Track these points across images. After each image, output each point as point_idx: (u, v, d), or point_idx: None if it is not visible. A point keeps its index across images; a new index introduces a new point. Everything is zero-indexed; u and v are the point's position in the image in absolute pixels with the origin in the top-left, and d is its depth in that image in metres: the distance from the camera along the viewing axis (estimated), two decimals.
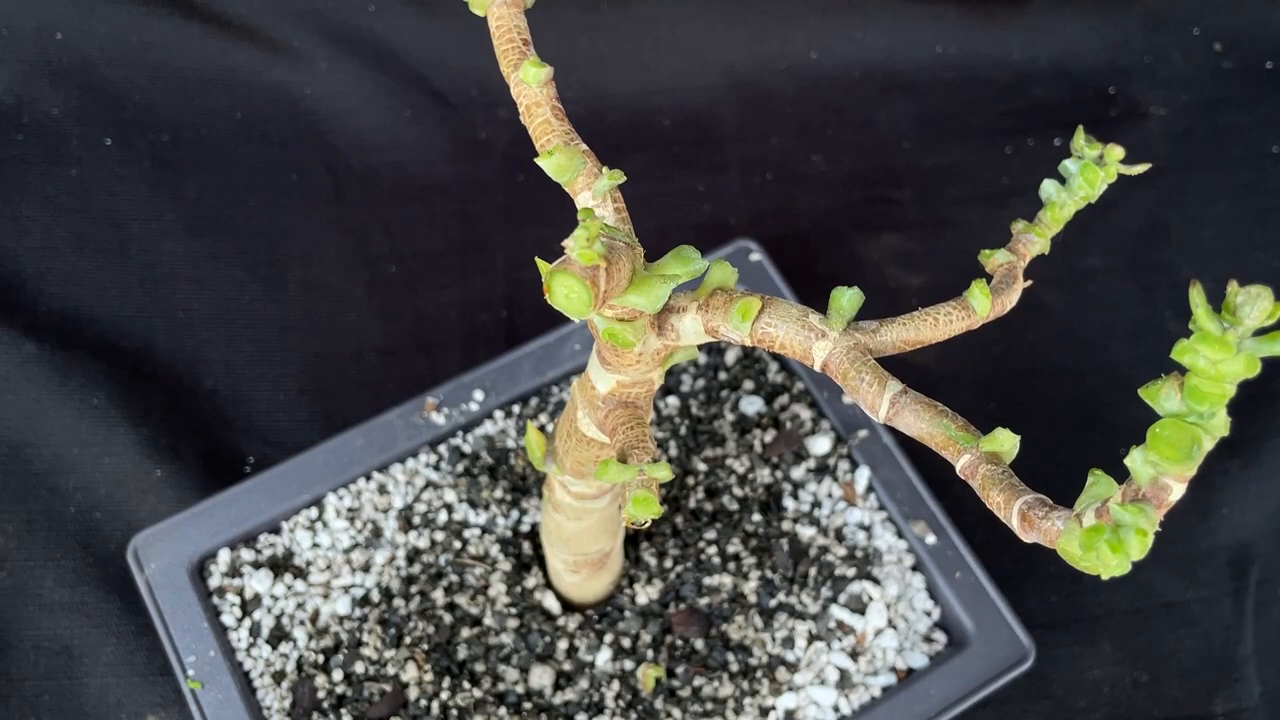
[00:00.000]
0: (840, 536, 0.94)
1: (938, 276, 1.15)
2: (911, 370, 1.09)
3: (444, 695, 0.87)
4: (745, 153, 1.21)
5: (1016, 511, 0.47)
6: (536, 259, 0.48)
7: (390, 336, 1.10)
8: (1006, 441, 0.49)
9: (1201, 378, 0.43)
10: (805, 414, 0.98)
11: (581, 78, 1.23)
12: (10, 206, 1.12)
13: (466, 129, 1.20)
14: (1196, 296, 0.42)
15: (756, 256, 1.02)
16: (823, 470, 0.96)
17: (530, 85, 0.57)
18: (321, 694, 0.87)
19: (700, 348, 0.99)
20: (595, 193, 0.55)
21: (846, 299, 0.53)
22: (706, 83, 1.24)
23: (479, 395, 0.96)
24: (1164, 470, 0.44)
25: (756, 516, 0.94)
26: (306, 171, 1.17)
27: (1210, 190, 1.21)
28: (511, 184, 1.17)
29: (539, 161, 0.55)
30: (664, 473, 0.51)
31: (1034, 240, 0.57)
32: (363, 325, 1.11)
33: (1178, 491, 0.45)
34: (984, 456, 0.49)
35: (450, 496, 0.94)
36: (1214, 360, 0.42)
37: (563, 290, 0.46)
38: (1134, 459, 0.45)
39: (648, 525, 0.52)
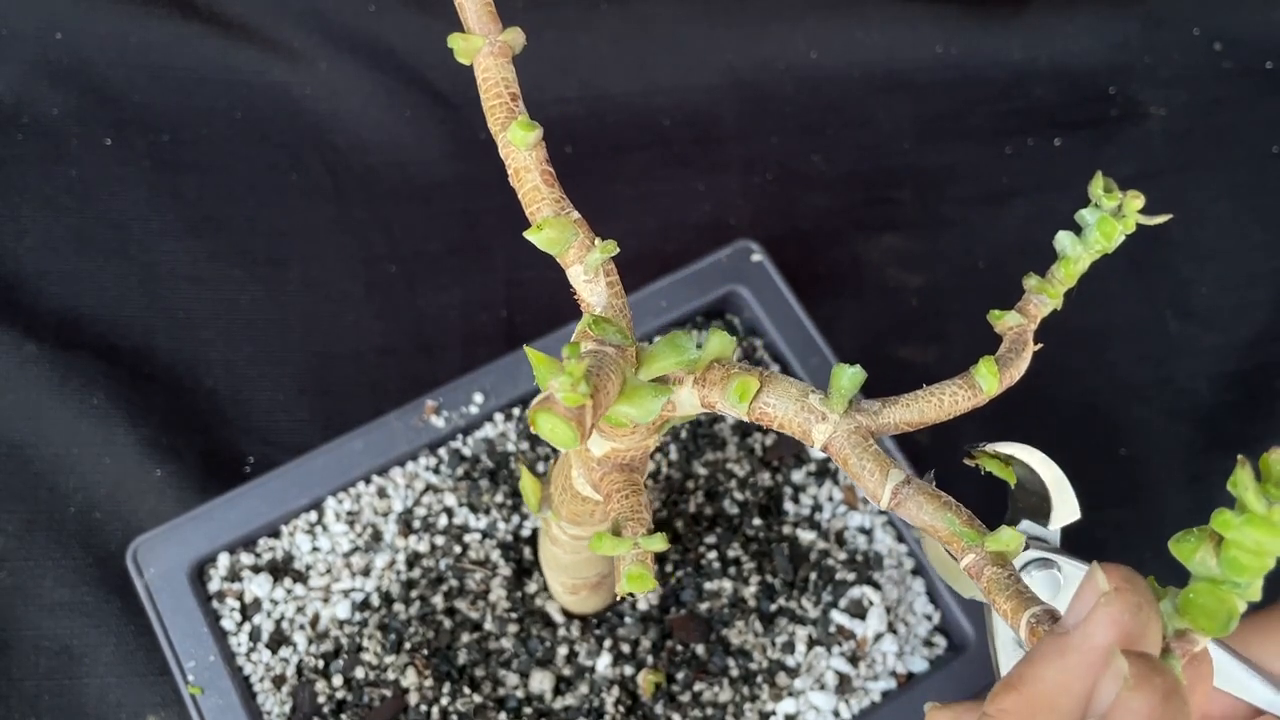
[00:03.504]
0: (840, 540, 0.94)
1: (938, 276, 1.15)
2: (912, 370, 1.09)
3: (444, 700, 0.87)
4: (745, 153, 1.21)
5: (1025, 624, 0.47)
6: (527, 348, 0.47)
7: (390, 336, 1.10)
8: (1012, 541, 0.49)
9: (1243, 551, 0.43)
10: None
11: (581, 78, 1.23)
12: (10, 206, 1.12)
13: (466, 129, 1.20)
14: (1245, 479, 0.42)
15: (757, 257, 1.02)
16: (823, 474, 0.96)
17: (519, 148, 0.54)
18: (321, 699, 0.87)
19: None
20: (588, 267, 0.53)
21: (847, 378, 0.52)
22: (706, 83, 1.23)
23: (479, 397, 0.96)
24: (1195, 629, 0.45)
25: (756, 521, 0.94)
26: (306, 171, 1.17)
27: (1210, 190, 1.21)
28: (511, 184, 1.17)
29: (528, 235, 0.53)
30: (659, 544, 0.50)
31: (1045, 301, 0.57)
32: (363, 325, 1.10)
33: (1203, 644, 0.46)
34: (989, 557, 0.49)
35: (450, 500, 0.94)
36: (1259, 540, 0.42)
37: (547, 426, 0.44)
38: (1164, 607, 0.46)
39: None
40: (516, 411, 0.98)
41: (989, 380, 0.53)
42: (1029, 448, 0.60)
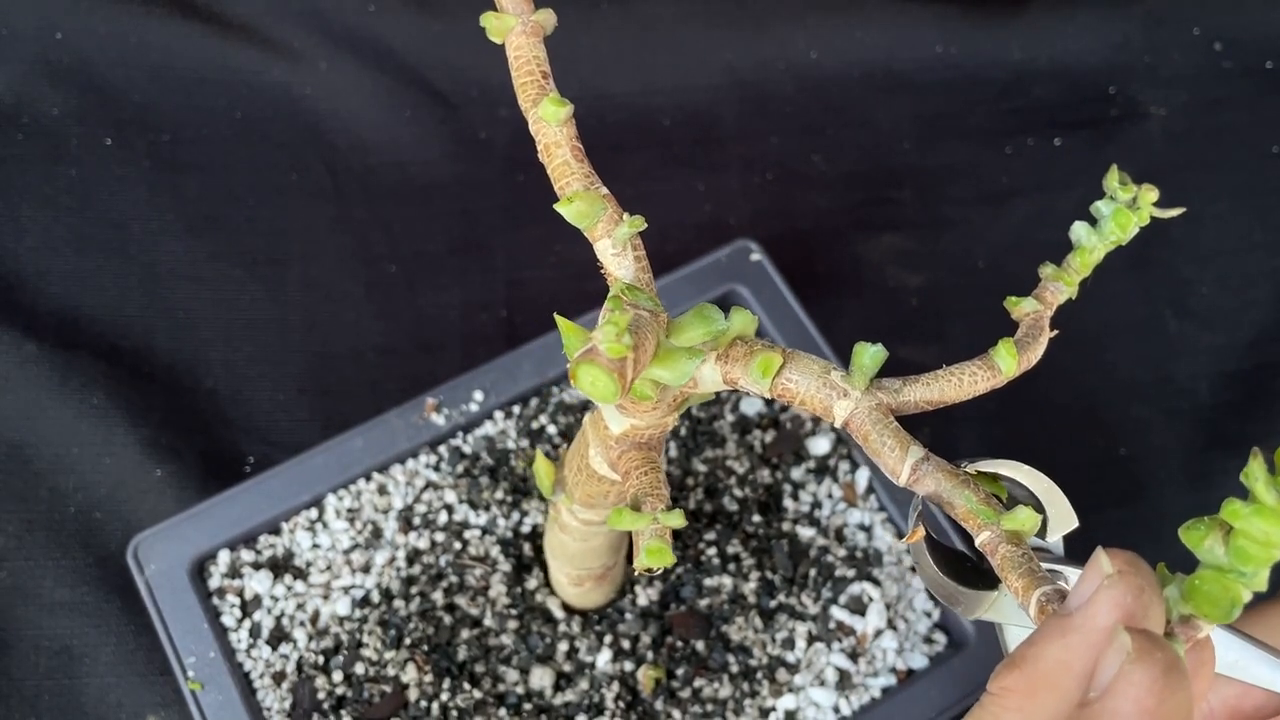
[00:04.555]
0: (840, 537, 0.94)
1: (938, 276, 1.15)
2: (912, 372, 1.09)
3: (444, 696, 0.87)
4: (745, 153, 1.21)
5: (1035, 601, 0.47)
6: (557, 316, 0.48)
7: (390, 336, 1.10)
8: (1028, 521, 0.49)
9: (1250, 541, 0.44)
10: (805, 414, 0.98)
11: (581, 78, 1.23)
12: (10, 206, 1.12)
13: (466, 129, 1.20)
14: (1257, 470, 0.43)
15: (756, 256, 1.02)
16: (823, 471, 0.96)
17: (550, 124, 0.54)
18: (321, 695, 0.87)
19: None
20: (615, 241, 0.54)
21: (869, 356, 0.52)
22: (706, 82, 1.24)
23: (479, 395, 0.96)
24: (1199, 615, 0.45)
25: (756, 517, 0.94)
26: (306, 171, 1.17)
27: (1210, 190, 1.21)
28: (511, 184, 1.17)
29: (558, 208, 0.53)
30: (678, 520, 0.50)
31: (1062, 289, 0.57)
32: (363, 325, 1.10)
33: (1207, 631, 0.46)
34: (1004, 535, 0.49)
35: (450, 497, 0.94)
36: (1268, 531, 0.43)
37: (589, 378, 0.45)
38: (1170, 593, 0.46)
39: (660, 571, 0.52)
40: (517, 409, 0.98)
41: (1007, 361, 0.54)
42: (1016, 463, 0.60)
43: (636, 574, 0.53)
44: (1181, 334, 1.14)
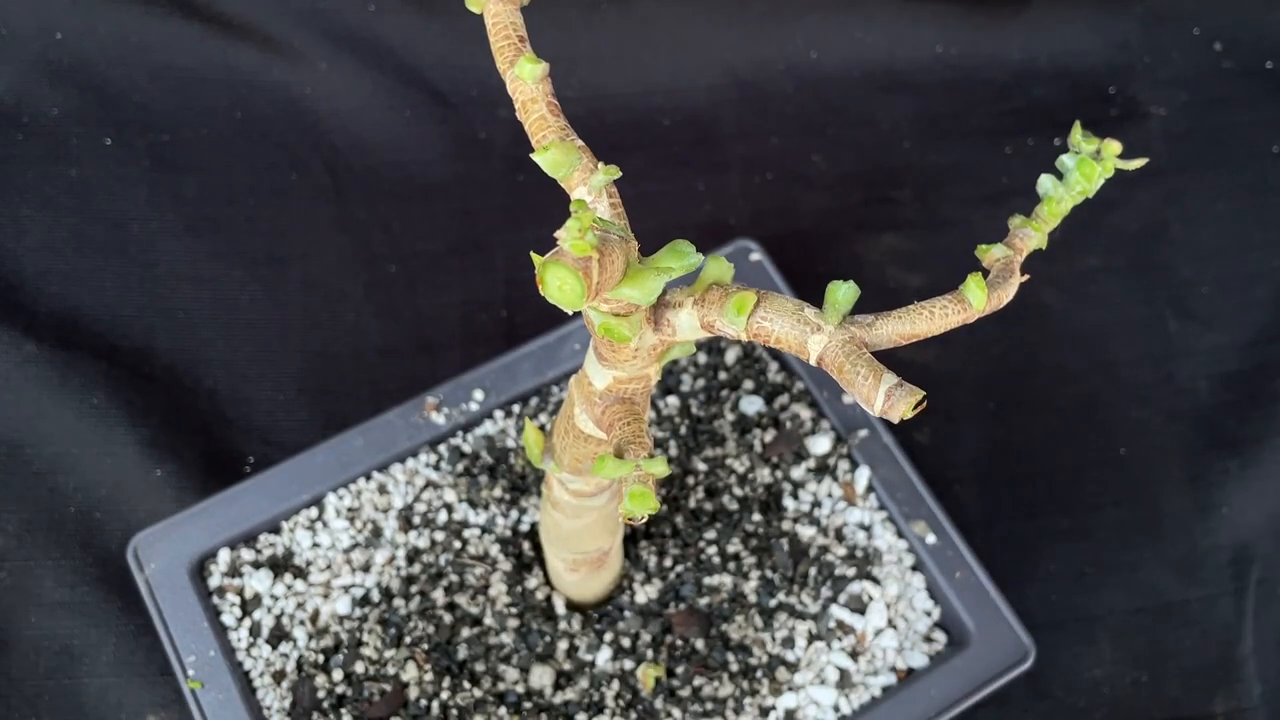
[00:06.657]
0: (840, 536, 0.94)
1: (937, 276, 1.15)
2: (911, 369, 1.09)
3: (444, 695, 0.87)
4: (745, 152, 1.21)
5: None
6: (532, 254, 0.48)
7: (390, 336, 1.10)
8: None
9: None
10: (805, 414, 0.98)
11: (581, 77, 1.23)
12: (10, 206, 1.12)
13: (466, 129, 1.20)
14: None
15: (756, 256, 1.02)
16: (823, 470, 0.96)
17: (526, 81, 0.56)
18: (321, 694, 0.87)
19: (700, 347, 0.99)
20: (591, 188, 0.55)
21: (842, 293, 0.53)
22: (706, 82, 1.24)
23: (479, 395, 0.96)
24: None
25: (756, 516, 0.94)
26: (306, 171, 1.17)
27: (1210, 190, 1.21)
28: (511, 184, 1.17)
29: (534, 157, 0.55)
30: (660, 467, 0.51)
31: (1030, 235, 0.57)
32: (363, 325, 1.11)
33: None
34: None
35: (450, 496, 0.94)
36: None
37: (555, 281, 0.46)
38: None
39: (644, 520, 0.52)
40: (516, 409, 0.98)
41: (977, 295, 0.54)
42: None
43: (625, 523, 0.53)
44: (1181, 334, 1.14)
